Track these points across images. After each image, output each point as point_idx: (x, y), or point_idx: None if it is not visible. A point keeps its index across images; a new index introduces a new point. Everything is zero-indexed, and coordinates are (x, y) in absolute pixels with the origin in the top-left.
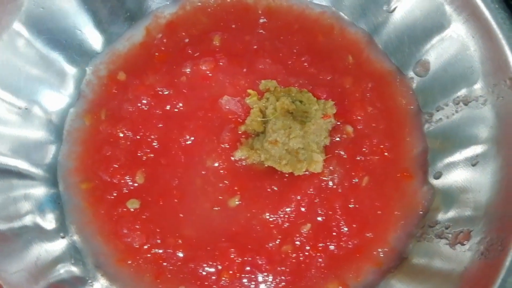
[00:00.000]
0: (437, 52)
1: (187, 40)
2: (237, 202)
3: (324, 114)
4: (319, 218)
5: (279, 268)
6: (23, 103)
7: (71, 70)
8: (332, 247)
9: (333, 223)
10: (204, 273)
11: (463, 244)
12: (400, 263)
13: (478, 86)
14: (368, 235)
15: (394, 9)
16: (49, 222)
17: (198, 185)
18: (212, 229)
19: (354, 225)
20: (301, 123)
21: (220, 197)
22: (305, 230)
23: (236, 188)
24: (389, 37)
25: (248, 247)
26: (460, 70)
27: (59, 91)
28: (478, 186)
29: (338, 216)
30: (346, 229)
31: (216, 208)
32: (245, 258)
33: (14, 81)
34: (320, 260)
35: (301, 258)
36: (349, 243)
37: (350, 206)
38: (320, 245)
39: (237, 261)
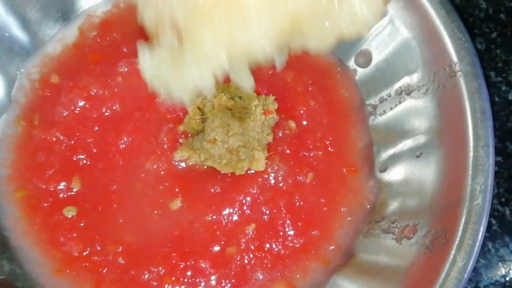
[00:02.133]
0: (377, 41)
1: (122, 39)
2: (179, 204)
3: (265, 110)
4: (264, 217)
5: (223, 271)
6: None
7: (0, 75)
8: (277, 247)
9: (279, 222)
10: (146, 279)
11: (409, 239)
12: (347, 260)
13: (418, 75)
14: (314, 233)
15: None
16: None
17: (137, 189)
18: (153, 234)
19: (300, 224)
20: (240, 120)
21: (161, 200)
22: (249, 230)
23: (177, 190)
24: None
25: (190, 250)
26: (400, 59)
27: None
28: (423, 178)
29: (283, 215)
30: (291, 228)
31: (157, 212)
32: (188, 263)
33: None
34: (266, 261)
35: (245, 260)
36: (295, 242)
37: (296, 204)
38: (266, 245)
39: (180, 265)
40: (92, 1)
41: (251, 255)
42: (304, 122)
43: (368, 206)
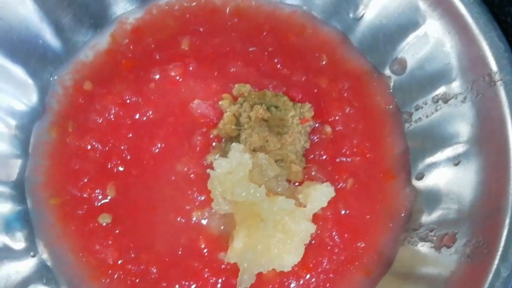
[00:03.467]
0: (413, 50)
1: (154, 46)
2: (204, 215)
3: (302, 118)
4: None
5: None
6: None
7: (34, 82)
8: (324, 263)
9: (326, 234)
10: None
11: (449, 247)
12: (386, 270)
13: (456, 84)
14: (359, 244)
15: (367, 8)
16: (18, 241)
17: (166, 194)
18: (180, 244)
19: (346, 235)
20: (277, 134)
21: (187, 207)
22: None
23: (203, 199)
24: (363, 35)
25: (223, 266)
26: (437, 67)
27: (23, 103)
28: (462, 187)
29: (329, 227)
30: (338, 240)
31: (180, 220)
32: (219, 279)
33: None
34: (313, 280)
35: (285, 280)
36: (341, 255)
37: (341, 212)
38: (311, 263)
39: (211, 281)
40: (124, 8)
41: (292, 277)
42: (340, 128)
43: (404, 214)
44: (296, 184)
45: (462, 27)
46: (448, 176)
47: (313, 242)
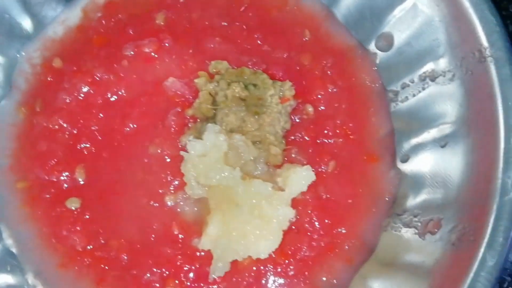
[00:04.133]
0: (400, 24)
1: (127, 20)
2: (177, 200)
3: (282, 97)
4: None
5: (234, 279)
6: None
7: (0, 59)
8: (302, 250)
9: (305, 220)
10: (148, 279)
11: (433, 234)
12: (369, 257)
13: (444, 60)
14: (340, 230)
15: None
16: None
17: (138, 177)
18: (153, 230)
19: (327, 221)
20: (255, 114)
21: (159, 191)
22: None
23: (177, 183)
24: (348, 9)
25: (194, 252)
26: (425, 43)
27: None
28: (448, 170)
29: (309, 211)
30: (318, 226)
31: (153, 204)
32: (193, 266)
33: None
34: (288, 267)
35: (262, 268)
36: (321, 241)
37: (322, 197)
38: (289, 250)
39: (184, 268)
40: None
41: (270, 265)
42: (322, 107)
43: (388, 198)
44: (276, 167)
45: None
46: (434, 159)
47: (292, 228)
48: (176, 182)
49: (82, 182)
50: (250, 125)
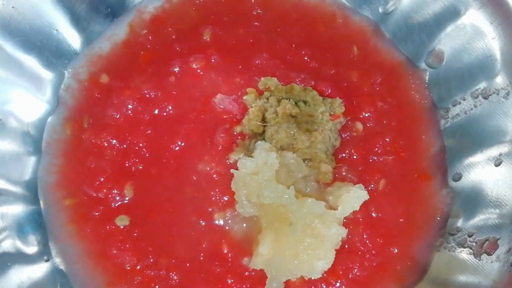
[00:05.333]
0: (451, 41)
1: (174, 36)
2: (226, 217)
3: (332, 114)
4: None
5: None
6: None
7: (47, 75)
8: (354, 269)
9: (357, 239)
10: None
11: (490, 254)
12: (421, 277)
13: (498, 78)
14: (392, 249)
15: None
16: (30, 245)
17: (187, 195)
18: (202, 249)
19: (378, 240)
20: (306, 132)
21: (209, 209)
22: None
23: (226, 199)
24: (397, 25)
25: (247, 273)
26: (478, 60)
27: (36, 98)
28: (503, 188)
29: (361, 231)
30: (370, 245)
31: (202, 222)
32: (244, 286)
33: None
34: (343, 287)
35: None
36: (373, 261)
37: (373, 215)
38: (340, 270)
39: None
40: None
41: (322, 284)
42: (372, 125)
43: (440, 218)
44: (325, 185)
45: (507, 17)
46: (488, 177)
47: (344, 247)
48: (225, 199)
49: (131, 200)
50: (301, 142)
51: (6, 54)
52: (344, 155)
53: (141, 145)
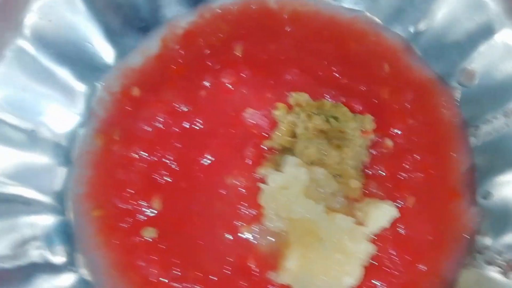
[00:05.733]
0: (483, 60)
1: (206, 51)
2: (253, 231)
3: (363, 131)
4: None
5: None
6: (29, 124)
7: (80, 87)
8: (383, 287)
9: (385, 256)
10: None
11: None
12: None
13: None
14: (420, 267)
15: (434, 14)
16: (58, 255)
17: (216, 208)
18: (228, 262)
19: (407, 257)
20: (336, 148)
21: (236, 223)
22: None
23: (255, 213)
24: (428, 43)
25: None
26: (510, 79)
27: (68, 110)
28: None
29: (389, 248)
30: (398, 262)
31: (228, 236)
32: None
33: (18, 101)
34: None
35: None
36: (401, 279)
37: (401, 232)
38: (369, 285)
39: None
40: (176, 11)
41: None
42: (401, 141)
43: (469, 236)
44: (354, 201)
45: None
46: None
47: (373, 264)
48: (253, 214)
49: (159, 212)
50: (331, 158)
51: (41, 66)
52: (373, 171)
53: (170, 158)
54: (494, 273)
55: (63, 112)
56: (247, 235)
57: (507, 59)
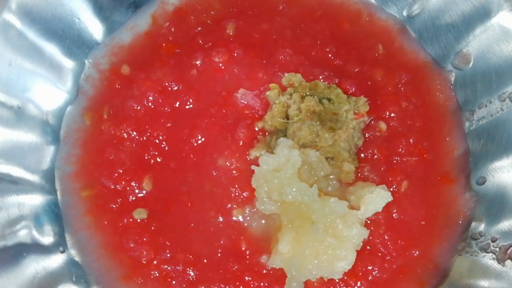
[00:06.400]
0: (479, 43)
1: (197, 29)
2: (245, 214)
3: (356, 113)
4: None
5: None
6: (15, 101)
7: (68, 64)
8: (375, 271)
9: (378, 240)
10: None
11: None
12: (442, 281)
13: None
14: (413, 252)
15: None
16: (46, 235)
17: (206, 189)
18: (219, 245)
19: (400, 242)
20: (330, 130)
21: (228, 206)
22: None
23: (246, 195)
24: (424, 25)
25: (261, 269)
26: (506, 63)
27: (56, 87)
28: None
29: (382, 232)
30: (391, 247)
31: (221, 218)
32: (262, 284)
33: (4, 77)
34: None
35: None
36: (394, 264)
37: (394, 217)
38: (359, 271)
39: (252, 286)
40: None
41: (341, 286)
42: (395, 125)
43: (462, 221)
44: (347, 185)
45: None
46: None
47: (366, 248)
48: (244, 196)
49: (148, 193)
50: (324, 140)
51: (27, 41)
52: (367, 154)
53: (161, 138)
54: (488, 259)
55: (51, 89)
56: (239, 218)
57: (503, 42)
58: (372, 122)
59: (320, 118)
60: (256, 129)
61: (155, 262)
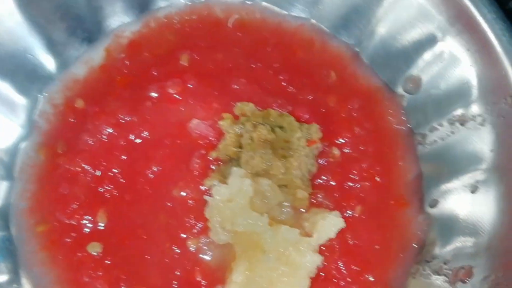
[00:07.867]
0: (428, 67)
1: (151, 61)
2: (199, 244)
3: (309, 140)
4: None
5: None
6: None
7: (21, 100)
8: None
9: (332, 266)
10: None
11: (464, 282)
12: None
13: (475, 105)
14: (368, 277)
15: (379, 22)
16: (1, 273)
17: (161, 221)
18: (176, 277)
19: (354, 267)
20: (281, 157)
21: (182, 235)
22: None
23: (201, 226)
24: (375, 51)
25: None
26: (455, 87)
27: (9, 123)
28: (479, 216)
29: (336, 258)
30: (346, 272)
31: (176, 249)
32: None
33: None
34: None
35: None
36: None
37: (349, 242)
38: None
39: None
40: (121, 21)
41: None
42: (348, 150)
43: (416, 245)
44: (302, 210)
45: (483, 45)
46: (465, 205)
47: (320, 275)
48: (200, 226)
49: (104, 226)
50: (276, 168)
51: None
52: (320, 181)
53: (115, 170)
54: (440, 282)
55: (4, 125)
56: (193, 248)
57: (451, 66)
58: (326, 149)
59: (273, 147)
60: (211, 158)
61: None
